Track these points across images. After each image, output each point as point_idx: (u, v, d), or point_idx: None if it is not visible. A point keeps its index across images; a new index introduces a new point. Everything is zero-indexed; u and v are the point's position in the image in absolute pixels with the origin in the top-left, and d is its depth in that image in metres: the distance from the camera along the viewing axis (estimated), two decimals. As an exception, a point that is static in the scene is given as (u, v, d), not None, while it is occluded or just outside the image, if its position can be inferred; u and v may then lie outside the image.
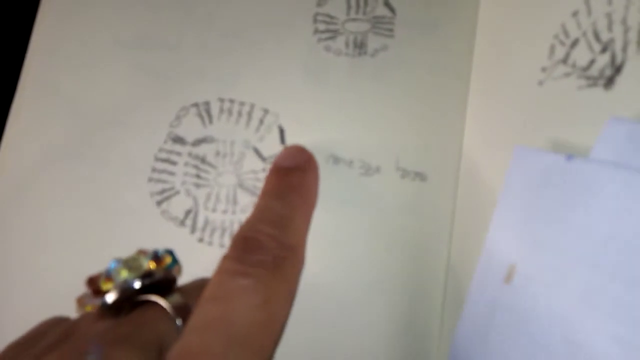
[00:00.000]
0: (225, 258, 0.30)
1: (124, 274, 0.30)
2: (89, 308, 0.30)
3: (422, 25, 0.45)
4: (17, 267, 0.43)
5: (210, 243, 0.42)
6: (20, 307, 0.42)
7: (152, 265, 0.30)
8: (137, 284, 0.30)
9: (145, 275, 0.30)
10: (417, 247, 0.42)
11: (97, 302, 0.30)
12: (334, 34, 0.45)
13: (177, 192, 0.43)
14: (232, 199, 0.43)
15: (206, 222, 0.43)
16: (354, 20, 0.45)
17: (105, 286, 0.30)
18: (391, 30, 0.45)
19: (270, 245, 0.31)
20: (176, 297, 0.30)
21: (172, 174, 0.43)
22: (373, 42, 0.45)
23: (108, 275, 0.30)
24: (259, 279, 0.29)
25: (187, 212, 0.43)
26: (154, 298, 0.29)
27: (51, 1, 0.47)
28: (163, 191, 0.43)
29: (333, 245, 0.42)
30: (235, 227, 0.43)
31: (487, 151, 0.40)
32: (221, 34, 0.46)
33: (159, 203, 0.43)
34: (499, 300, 0.34)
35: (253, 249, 0.30)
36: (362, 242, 0.42)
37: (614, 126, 0.29)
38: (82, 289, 0.36)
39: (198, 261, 0.36)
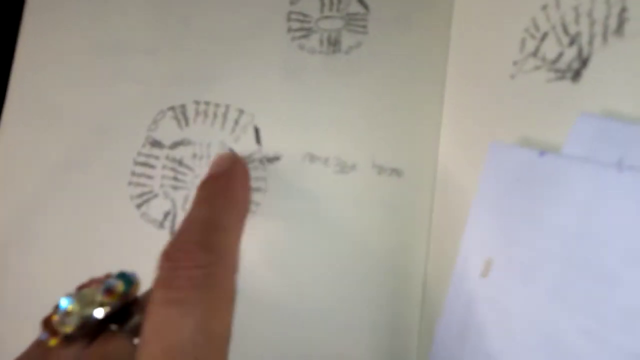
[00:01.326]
0: (154, 287, 0.29)
1: (78, 310, 0.29)
2: (53, 342, 0.30)
3: (396, 21, 0.45)
4: (1, 274, 0.43)
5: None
6: (6, 313, 0.42)
7: (106, 298, 0.30)
8: (98, 315, 0.30)
9: (102, 306, 0.30)
10: (395, 243, 0.42)
11: (58, 339, 0.30)
12: (307, 32, 0.45)
13: (156, 195, 0.43)
14: (210, 201, 0.43)
15: (185, 224, 0.43)
16: (327, 17, 0.46)
17: (60, 328, 0.29)
18: (365, 27, 0.45)
19: (194, 255, 0.30)
20: (136, 320, 0.30)
21: (150, 177, 0.44)
22: (347, 39, 0.45)
23: (61, 314, 0.30)
24: (189, 301, 0.28)
25: (166, 214, 0.43)
26: (113, 328, 0.29)
27: (34, 12, 0.48)
28: (142, 194, 0.43)
29: (310, 244, 0.42)
30: (215, 229, 0.43)
31: (463, 146, 0.40)
32: (196, 36, 0.46)
33: (139, 206, 0.43)
34: (477, 294, 0.35)
35: (178, 267, 0.29)
36: (340, 240, 0.42)
37: (584, 121, 0.29)
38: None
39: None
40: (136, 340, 0.29)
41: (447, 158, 0.42)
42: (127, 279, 0.31)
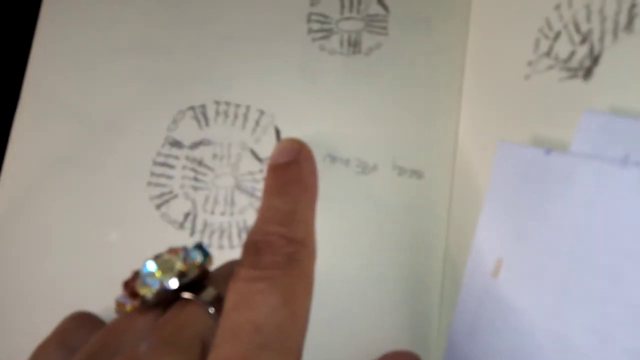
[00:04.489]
0: (239, 266, 0.31)
1: (159, 276, 0.31)
2: (129, 308, 0.32)
3: (416, 22, 0.46)
4: (20, 273, 0.45)
5: (209, 245, 0.44)
6: (24, 312, 0.44)
7: (184, 266, 0.31)
8: (173, 285, 0.31)
9: (180, 275, 0.31)
10: (414, 244, 0.43)
11: (135, 303, 0.31)
12: (328, 33, 0.47)
13: (176, 196, 0.45)
14: (230, 201, 0.45)
15: (205, 225, 0.44)
16: (347, 19, 0.47)
17: (141, 290, 0.31)
18: (385, 28, 0.46)
19: (279, 244, 0.32)
20: (210, 291, 0.31)
21: (170, 177, 0.45)
22: (367, 40, 0.47)
23: (143, 278, 0.31)
24: (275, 280, 0.30)
25: (186, 215, 0.44)
26: (190, 296, 0.31)
27: (50, 11, 0.50)
28: (162, 195, 0.45)
29: (331, 244, 0.43)
30: (234, 229, 0.44)
31: (481, 147, 0.42)
32: (216, 36, 0.48)
33: (158, 207, 0.45)
34: (487, 295, 0.36)
35: (264, 252, 0.31)
36: (360, 241, 0.44)
37: (589, 118, 0.30)
38: (85, 293, 0.38)
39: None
40: (211, 310, 0.30)
41: (464, 159, 0.43)
42: (204, 250, 0.33)
